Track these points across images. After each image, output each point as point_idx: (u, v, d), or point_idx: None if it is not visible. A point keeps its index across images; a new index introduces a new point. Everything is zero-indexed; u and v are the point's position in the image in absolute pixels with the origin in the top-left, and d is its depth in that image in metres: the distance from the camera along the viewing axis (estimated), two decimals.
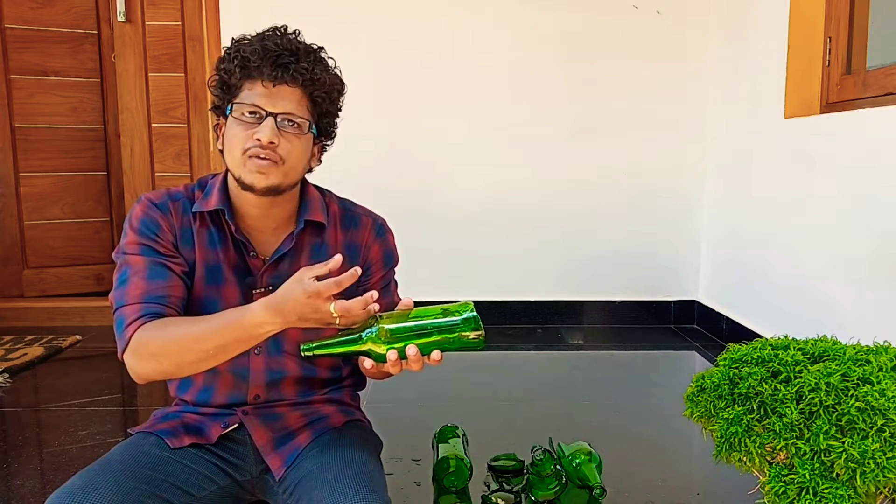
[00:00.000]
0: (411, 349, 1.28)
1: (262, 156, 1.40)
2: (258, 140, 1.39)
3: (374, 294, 1.25)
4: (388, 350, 1.28)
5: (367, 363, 1.33)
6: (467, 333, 1.29)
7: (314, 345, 1.31)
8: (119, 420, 2.62)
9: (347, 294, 1.59)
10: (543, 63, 3.81)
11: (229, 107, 1.44)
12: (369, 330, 1.29)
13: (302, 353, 1.30)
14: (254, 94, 1.42)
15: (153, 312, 1.39)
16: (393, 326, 1.29)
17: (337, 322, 1.25)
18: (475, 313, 1.31)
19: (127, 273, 1.44)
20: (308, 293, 1.24)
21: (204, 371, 1.53)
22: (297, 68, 1.41)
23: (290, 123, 1.43)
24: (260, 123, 1.41)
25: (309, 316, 1.26)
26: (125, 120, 3.98)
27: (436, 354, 1.30)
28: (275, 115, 1.41)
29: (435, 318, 1.31)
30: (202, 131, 3.99)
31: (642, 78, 3.82)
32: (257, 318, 1.29)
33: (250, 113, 1.41)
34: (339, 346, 1.31)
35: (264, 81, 1.41)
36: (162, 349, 1.36)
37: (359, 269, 1.28)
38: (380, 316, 1.32)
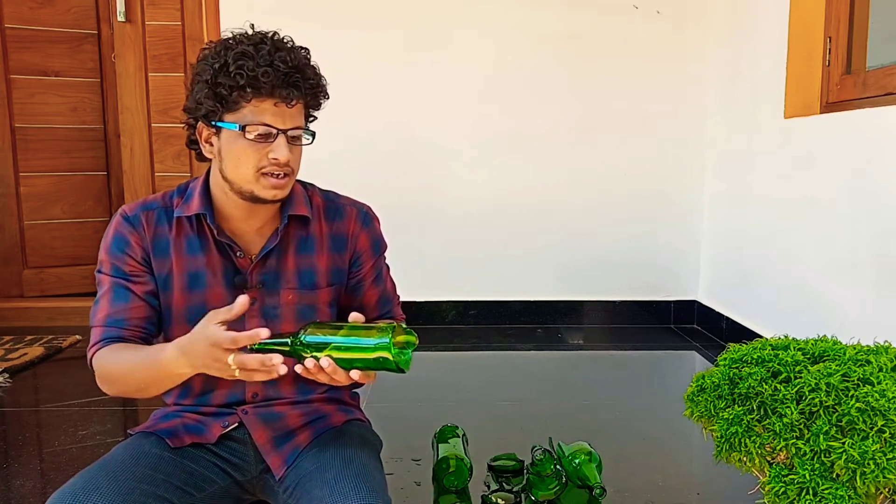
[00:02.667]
0: (324, 361, 1.26)
1: (279, 173, 1.41)
2: (275, 159, 1.40)
3: (274, 358, 1.23)
4: (308, 357, 1.27)
5: (297, 366, 1.30)
6: (380, 355, 1.25)
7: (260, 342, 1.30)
8: (119, 420, 2.63)
9: (342, 285, 1.60)
10: (543, 63, 3.81)
11: (232, 123, 1.41)
12: (299, 336, 1.28)
13: (249, 347, 1.30)
14: (262, 112, 1.39)
15: (111, 336, 1.45)
16: (311, 338, 1.28)
17: (236, 374, 1.25)
18: (389, 340, 1.25)
19: (99, 293, 1.50)
20: (210, 341, 1.25)
21: (196, 378, 1.53)
22: (305, 86, 1.42)
23: (295, 137, 1.44)
24: (268, 140, 1.40)
25: (210, 364, 1.27)
26: (125, 120, 3.98)
27: (354, 374, 1.27)
28: (286, 132, 1.41)
29: (353, 337, 1.28)
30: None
31: (642, 78, 3.82)
32: (170, 358, 1.33)
33: (258, 133, 1.40)
34: (273, 346, 1.28)
35: (277, 102, 1.39)
36: (108, 377, 1.44)
37: (246, 300, 1.28)
38: (311, 324, 1.31)
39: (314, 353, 1.27)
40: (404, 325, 1.31)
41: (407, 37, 3.78)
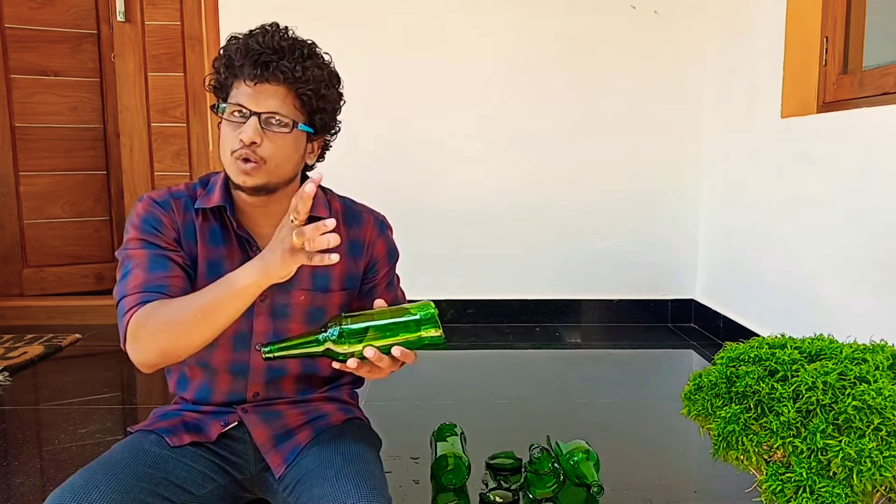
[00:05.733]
0: (369, 351, 1.28)
1: (245, 156, 1.40)
2: (241, 140, 1.39)
3: (332, 222, 1.20)
4: (347, 351, 1.27)
5: (335, 363, 1.31)
6: (425, 332, 1.28)
7: (275, 346, 1.29)
8: (119, 418, 2.63)
9: (354, 290, 1.61)
10: (542, 63, 3.82)
11: (221, 107, 1.45)
12: (329, 331, 1.28)
13: (263, 356, 1.29)
14: (239, 93, 1.42)
15: (149, 300, 1.38)
16: (350, 327, 1.28)
17: (294, 237, 1.20)
18: (433, 311, 1.30)
19: (128, 266, 1.44)
20: (281, 225, 1.26)
21: (195, 370, 1.54)
22: (278, 66, 1.40)
23: (276, 122, 1.42)
24: (243, 122, 1.41)
25: (275, 248, 1.25)
26: (125, 119, 3.99)
27: (395, 351, 1.29)
28: (258, 115, 1.40)
29: (393, 318, 1.30)
30: (201, 131, 4.00)
31: (640, 77, 3.83)
32: (241, 270, 1.30)
33: (237, 113, 1.41)
34: (298, 348, 1.29)
35: (247, 81, 1.41)
36: (156, 326, 1.35)
37: (312, 186, 1.23)
38: (340, 317, 1.31)
39: (352, 347, 1.27)
40: (428, 301, 1.33)
41: (407, 36, 3.78)
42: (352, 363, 1.28)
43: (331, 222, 1.19)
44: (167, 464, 1.41)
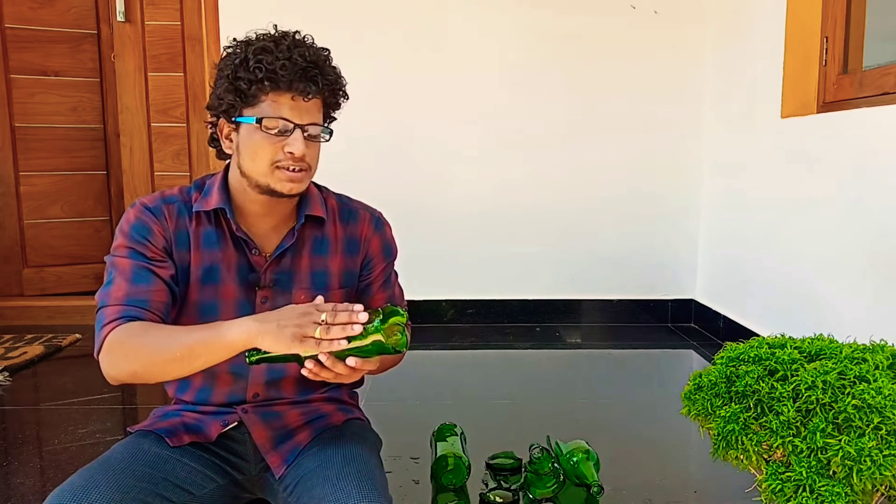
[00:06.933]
0: (322, 355, 1.27)
1: (295, 167, 1.43)
2: (290, 153, 1.41)
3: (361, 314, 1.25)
4: (308, 355, 1.27)
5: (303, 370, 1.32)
6: (379, 338, 1.26)
7: (255, 350, 1.30)
8: (118, 418, 2.63)
9: (353, 287, 1.61)
10: (542, 63, 3.82)
11: (250, 117, 1.43)
12: None
13: (247, 361, 1.30)
14: (280, 105, 1.41)
15: (131, 315, 1.39)
16: None
17: (316, 333, 1.22)
18: (379, 319, 1.28)
19: (112, 275, 1.45)
20: (308, 304, 1.28)
21: (196, 373, 1.53)
22: (323, 81, 1.43)
23: (315, 132, 1.46)
24: (286, 135, 1.41)
25: (294, 321, 1.24)
26: (125, 119, 3.99)
27: (350, 361, 1.27)
28: (302, 127, 1.42)
29: None
30: (201, 131, 4.00)
31: (640, 78, 3.83)
32: (234, 324, 1.29)
33: (278, 125, 1.42)
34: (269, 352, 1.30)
35: (294, 95, 1.41)
36: (133, 350, 1.35)
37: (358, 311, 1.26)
38: None
39: (313, 350, 1.28)
40: (392, 306, 1.31)
41: (407, 37, 3.78)
42: (308, 364, 1.29)
43: (362, 315, 1.26)
44: (167, 464, 1.40)
